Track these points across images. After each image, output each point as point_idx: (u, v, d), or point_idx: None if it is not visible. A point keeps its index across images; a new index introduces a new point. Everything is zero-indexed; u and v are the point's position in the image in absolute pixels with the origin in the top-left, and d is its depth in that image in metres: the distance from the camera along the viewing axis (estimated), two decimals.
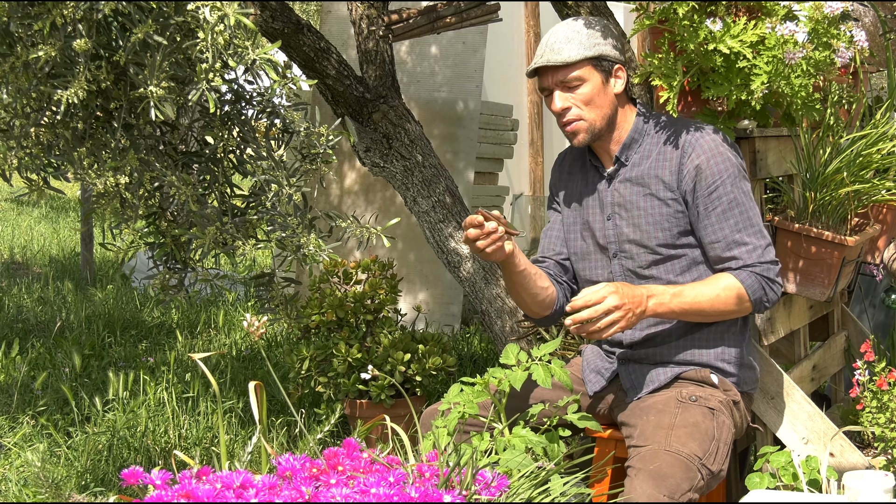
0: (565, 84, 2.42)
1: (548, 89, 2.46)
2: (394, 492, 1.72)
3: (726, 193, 2.38)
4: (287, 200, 2.36)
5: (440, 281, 5.68)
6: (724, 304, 2.37)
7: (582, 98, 2.43)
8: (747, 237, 2.38)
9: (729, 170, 2.38)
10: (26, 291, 6.68)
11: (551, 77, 2.44)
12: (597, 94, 2.43)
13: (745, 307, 2.39)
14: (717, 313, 2.39)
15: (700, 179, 2.38)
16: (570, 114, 2.44)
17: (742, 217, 2.39)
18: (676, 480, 2.16)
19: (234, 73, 2.31)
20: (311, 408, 4.02)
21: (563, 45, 2.41)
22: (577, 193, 2.58)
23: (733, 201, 2.38)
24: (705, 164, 2.38)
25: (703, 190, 2.38)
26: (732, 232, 2.38)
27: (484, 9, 3.66)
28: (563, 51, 2.41)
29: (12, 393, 4.30)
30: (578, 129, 2.45)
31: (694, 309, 2.37)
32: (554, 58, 2.41)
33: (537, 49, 2.48)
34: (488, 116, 6.22)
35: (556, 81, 2.43)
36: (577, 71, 2.41)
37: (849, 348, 3.27)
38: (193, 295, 6.42)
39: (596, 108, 2.44)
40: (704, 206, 2.39)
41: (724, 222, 2.38)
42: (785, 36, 2.41)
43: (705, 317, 2.39)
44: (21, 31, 2.22)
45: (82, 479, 3.43)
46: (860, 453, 2.62)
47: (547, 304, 2.56)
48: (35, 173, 2.38)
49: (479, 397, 2.37)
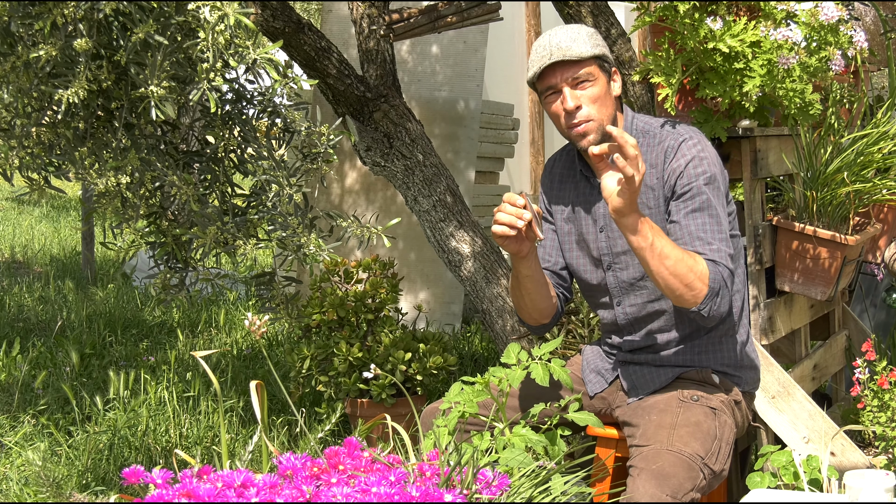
0: (576, 80, 2.36)
1: (554, 88, 2.38)
2: (395, 491, 1.72)
3: (700, 194, 2.33)
4: (288, 200, 2.36)
5: (441, 280, 5.68)
6: (688, 269, 2.22)
7: (591, 97, 2.37)
8: (713, 239, 2.31)
9: (707, 173, 2.35)
10: (27, 290, 6.69)
11: (561, 74, 2.36)
12: (604, 93, 2.38)
13: (698, 290, 2.24)
14: (675, 274, 2.22)
15: (678, 181, 2.35)
16: (581, 113, 2.36)
17: (711, 220, 2.33)
18: (679, 480, 2.16)
19: (234, 73, 2.31)
20: (311, 407, 4.03)
21: (571, 43, 2.36)
22: (569, 204, 2.55)
23: (705, 203, 2.33)
24: (684, 166, 2.35)
25: (679, 191, 2.35)
26: (698, 229, 2.32)
27: (485, 8, 3.66)
28: (572, 48, 2.35)
29: (13, 392, 4.30)
30: (589, 129, 2.38)
31: (660, 251, 2.21)
32: (568, 53, 2.34)
33: (536, 52, 2.40)
34: (489, 116, 6.22)
35: (567, 78, 2.36)
36: (587, 67, 2.36)
37: (850, 347, 3.27)
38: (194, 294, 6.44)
39: (603, 107, 2.38)
40: (676, 207, 2.35)
41: (693, 221, 2.33)
42: (779, 41, 2.42)
43: (663, 271, 2.22)
44: (22, 30, 2.22)
45: (83, 478, 3.43)
46: (861, 452, 2.62)
47: (546, 314, 2.53)
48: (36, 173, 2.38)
49: (480, 396, 2.37)
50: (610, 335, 2.58)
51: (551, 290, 2.52)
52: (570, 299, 2.63)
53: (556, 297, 2.54)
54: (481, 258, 3.51)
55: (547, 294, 2.50)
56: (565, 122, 2.40)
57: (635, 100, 3.09)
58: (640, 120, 2.48)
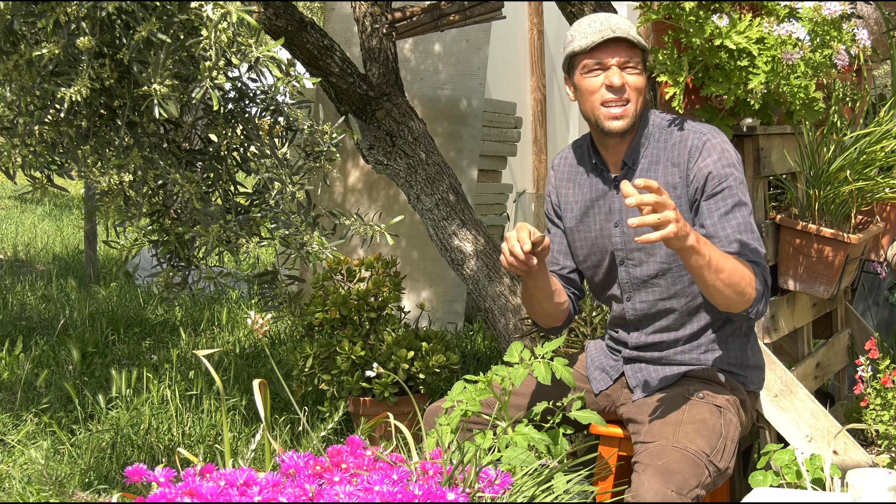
0: (626, 64, 2.36)
1: (603, 65, 2.36)
2: (397, 489, 1.72)
3: (731, 196, 2.35)
4: (290, 198, 2.36)
5: (443, 279, 5.68)
6: (740, 278, 2.24)
7: (635, 85, 2.37)
8: (750, 239, 2.35)
9: (734, 173, 2.36)
10: (30, 289, 6.69)
11: (615, 52, 2.34)
12: (643, 87, 2.39)
13: (749, 295, 2.26)
14: (729, 285, 2.23)
15: (708, 181, 2.36)
16: (624, 95, 2.36)
17: (744, 221, 2.36)
18: (684, 476, 2.16)
19: (237, 71, 2.31)
20: (314, 405, 4.03)
21: (629, 28, 2.35)
22: (582, 199, 2.54)
23: (738, 204, 2.36)
24: (712, 165, 2.36)
25: (710, 191, 2.36)
26: (735, 232, 2.35)
27: (487, 6, 3.66)
28: (631, 32, 2.34)
29: (16, 390, 4.31)
30: (626, 113, 2.37)
31: (716, 265, 2.21)
32: (629, 35, 2.33)
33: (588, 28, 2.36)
34: (492, 114, 6.21)
35: (620, 61, 2.35)
36: (639, 56, 2.37)
37: (852, 346, 3.27)
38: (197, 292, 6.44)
39: (640, 99, 2.39)
40: (708, 208, 2.36)
41: (728, 223, 2.36)
42: (783, 36, 2.41)
43: (719, 283, 2.23)
44: (25, 28, 2.23)
45: (86, 476, 3.43)
46: (864, 451, 2.62)
47: (558, 318, 2.56)
48: (39, 171, 2.39)
49: (482, 395, 2.37)
50: (616, 329, 2.58)
51: (562, 295, 2.53)
52: (581, 297, 2.65)
53: (567, 301, 2.55)
54: (484, 257, 3.51)
55: (556, 300, 2.51)
56: (603, 99, 2.38)
57: None
58: (658, 115, 2.49)
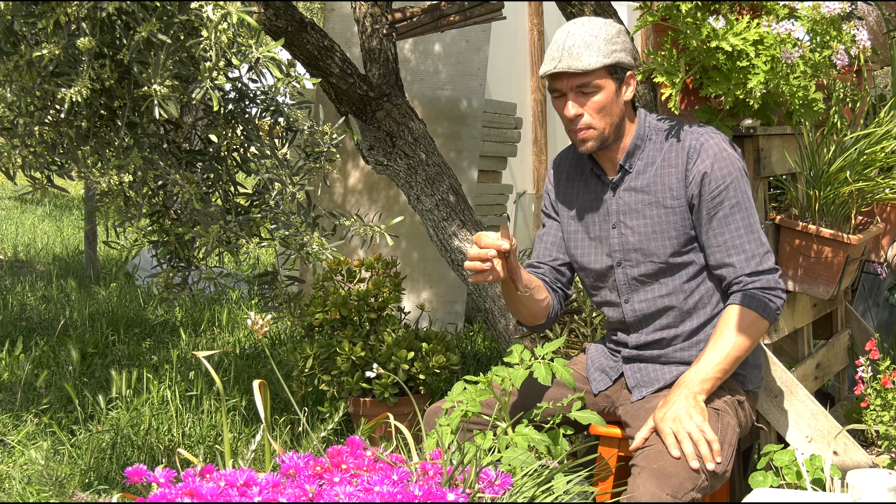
0: (581, 89, 2.37)
1: (560, 92, 2.40)
2: (397, 490, 1.72)
3: (729, 198, 2.37)
4: (291, 199, 2.36)
5: (444, 279, 5.68)
6: (751, 332, 2.35)
7: (595, 106, 2.38)
8: (747, 244, 2.37)
9: (733, 174, 2.37)
10: (30, 289, 6.69)
11: (567, 82, 2.37)
12: (610, 102, 2.39)
13: (765, 324, 2.37)
14: (747, 349, 2.36)
15: (705, 183, 2.36)
16: (582, 121, 2.39)
17: (744, 223, 2.37)
18: (680, 479, 2.16)
19: (237, 72, 2.31)
20: (314, 406, 4.03)
21: (583, 50, 2.34)
22: (579, 201, 2.55)
23: (736, 206, 2.37)
24: (710, 167, 2.36)
25: (707, 194, 2.37)
26: (733, 237, 2.37)
27: (487, 7, 3.66)
28: (582, 56, 2.34)
29: (16, 391, 4.31)
30: (588, 136, 2.41)
31: (731, 356, 2.34)
32: (574, 64, 2.34)
33: (551, 48, 2.40)
34: (492, 115, 6.21)
35: (572, 86, 2.37)
36: (595, 79, 2.36)
37: (852, 346, 3.27)
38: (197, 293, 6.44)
39: (607, 116, 2.39)
40: (707, 210, 2.38)
41: (726, 227, 2.37)
42: (782, 35, 2.41)
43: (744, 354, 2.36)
44: (25, 29, 2.23)
45: (86, 477, 3.43)
46: (864, 451, 2.61)
47: (541, 315, 2.55)
48: (39, 171, 2.39)
49: (483, 396, 2.37)
50: (616, 332, 2.58)
51: (542, 292, 2.52)
52: (568, 295, 2.64)
53: (548, 298, 2.54)
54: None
55: (537, 299, 2.50)
56: (566, 125, 2.44)
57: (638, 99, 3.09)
58: (654, 119, 2.49)
